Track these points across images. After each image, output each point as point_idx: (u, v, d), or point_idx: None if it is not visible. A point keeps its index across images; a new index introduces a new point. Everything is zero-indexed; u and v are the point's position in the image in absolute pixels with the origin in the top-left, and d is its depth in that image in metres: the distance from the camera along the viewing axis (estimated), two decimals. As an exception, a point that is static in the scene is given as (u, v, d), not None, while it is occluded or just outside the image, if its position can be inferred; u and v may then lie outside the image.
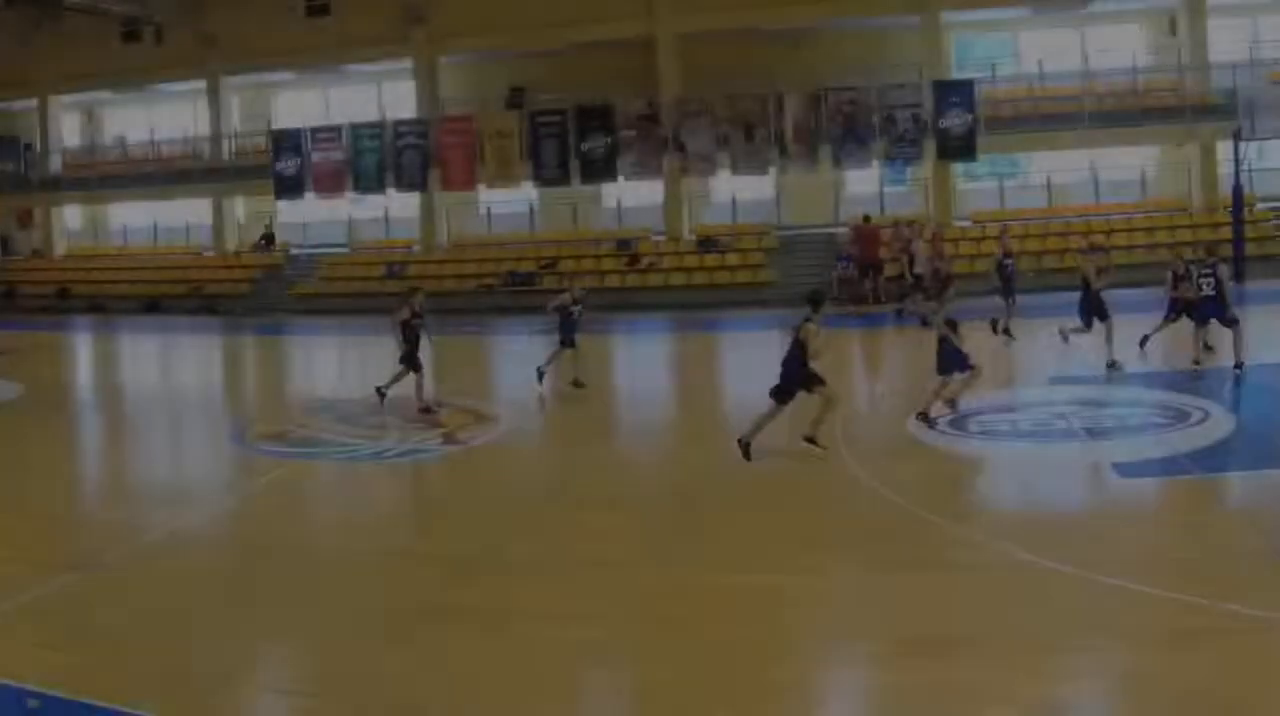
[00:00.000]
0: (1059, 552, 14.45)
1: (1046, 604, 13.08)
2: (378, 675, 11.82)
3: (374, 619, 13.42)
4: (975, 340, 24.40)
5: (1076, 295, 27.45)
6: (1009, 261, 33.18)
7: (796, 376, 19.73)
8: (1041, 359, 28.70)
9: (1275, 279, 39.12)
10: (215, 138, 57.59)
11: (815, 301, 19.59)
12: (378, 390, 26.04)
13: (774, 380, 19.72)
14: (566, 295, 27.49)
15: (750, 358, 33.92)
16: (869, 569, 14.72)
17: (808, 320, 19.49)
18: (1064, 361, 27.60)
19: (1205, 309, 25.74)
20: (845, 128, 46.08)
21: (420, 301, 25.92)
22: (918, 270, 37.07)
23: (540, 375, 27.27)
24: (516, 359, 34.83)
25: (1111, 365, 25.98)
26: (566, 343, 27.35)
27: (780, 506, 17.74)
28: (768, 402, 19.95)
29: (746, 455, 19.78)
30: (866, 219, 44.39)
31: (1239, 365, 24.66)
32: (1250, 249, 41.42)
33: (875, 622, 12.97)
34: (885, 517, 16.79)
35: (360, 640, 12.75)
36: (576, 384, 27.10)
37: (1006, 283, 32.44)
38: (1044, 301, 34.01)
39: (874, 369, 32.42)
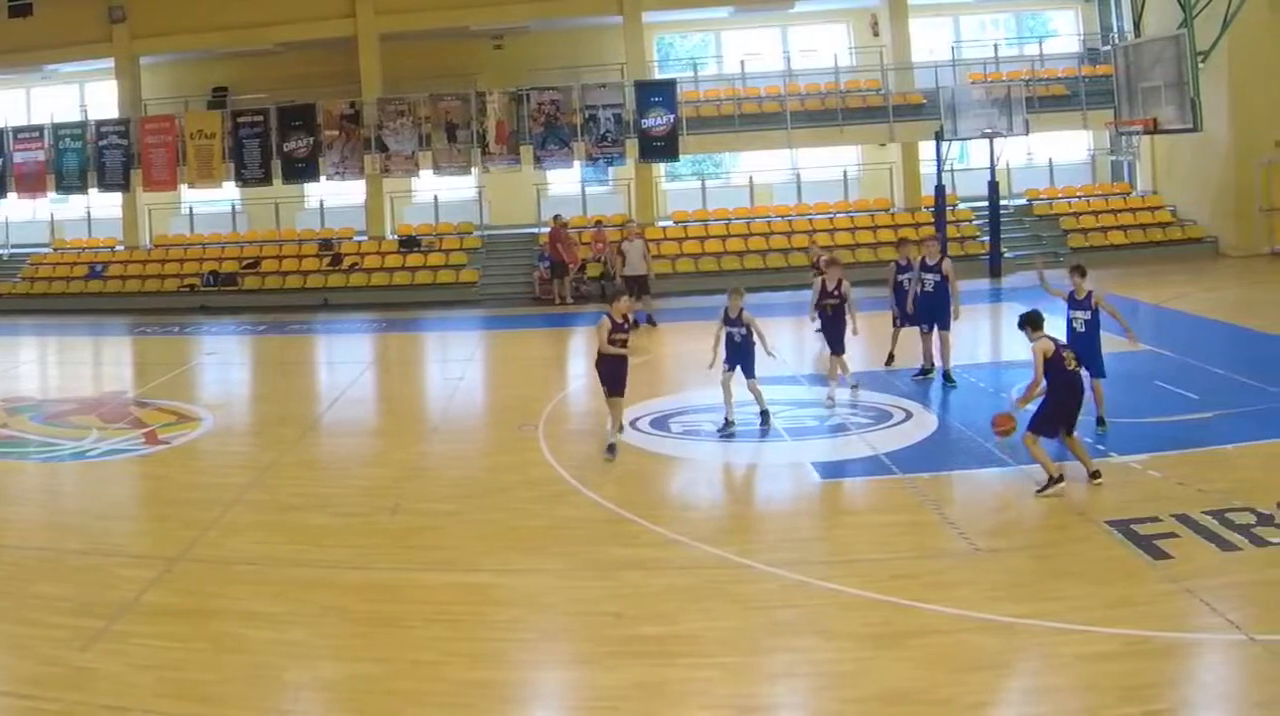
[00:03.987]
0: (767, 553, 15.07)
1: (755, 605, 13.58)
2: (85, 675, 11.93)
3: (79, 619, 13.41)
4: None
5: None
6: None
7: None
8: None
9: (977, 278, 40.36)
10: (-84, 137, 55.90)
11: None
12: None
13: (476, 378, 19.91)
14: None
15: (453, 356, 34.32)
16: (576, 570, 15.10)
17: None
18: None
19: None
20: (547, 127, 46.21)
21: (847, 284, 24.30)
22: (632, 272, 37.03)
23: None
24: (217, 359, 34.67)
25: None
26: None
27: (485, 507, 18.01)
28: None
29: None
30: (556, 218, 44.54)
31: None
32: (952, 249, 42.37)
33: (583, 623, 13.40)
34: (591, 518, 17.22)
35: (67, 640, 12.78)
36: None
37: None
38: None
39: (567, 369, 32.37)
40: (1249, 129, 42.06)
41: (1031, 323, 17.66)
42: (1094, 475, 17.41)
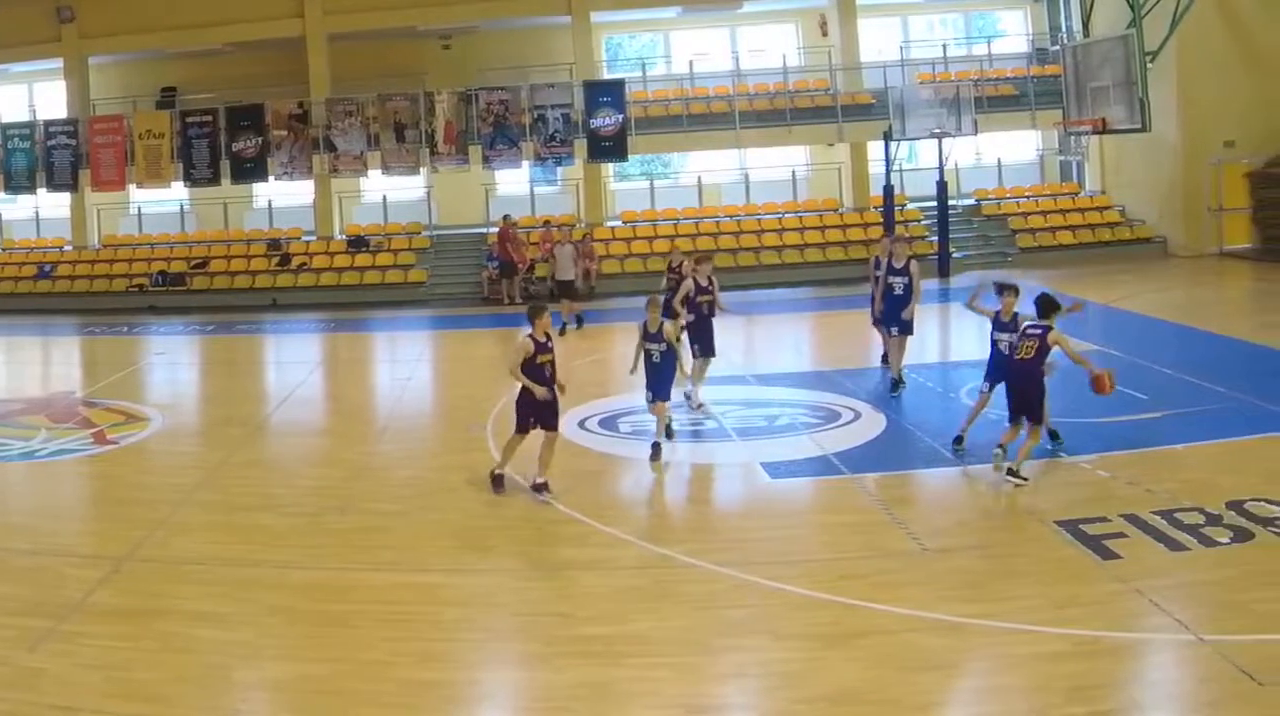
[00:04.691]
0: (715, 554, 15.02)
1: (704, 605, 13.57)
2: (33, 675, 11.87)
3: (27, 619, 13.36)
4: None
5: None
6: None
7: None
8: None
9: (925, 278, 40.22)
10: None
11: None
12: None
13: (424, 378, 19.80)
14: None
15: (402, 356, 34.31)
16: (525, 570, 15.17)
17: None
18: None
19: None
20: (496, 127, 46.04)
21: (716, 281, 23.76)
22: (562, 277, 36.90)
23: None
24: (166, 359, 34.47)
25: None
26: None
27: (434, 507, 17.97)
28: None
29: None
30: (505, 218, 44.33)
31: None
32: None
33: (531, 623, 13.35)
34: (540, 519, 17.15)
35: (14, 640, 12.73)
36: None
37: None
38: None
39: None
40: (1197, 129, 42.38)
41: (1041, 307, 18.08)
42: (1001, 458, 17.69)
